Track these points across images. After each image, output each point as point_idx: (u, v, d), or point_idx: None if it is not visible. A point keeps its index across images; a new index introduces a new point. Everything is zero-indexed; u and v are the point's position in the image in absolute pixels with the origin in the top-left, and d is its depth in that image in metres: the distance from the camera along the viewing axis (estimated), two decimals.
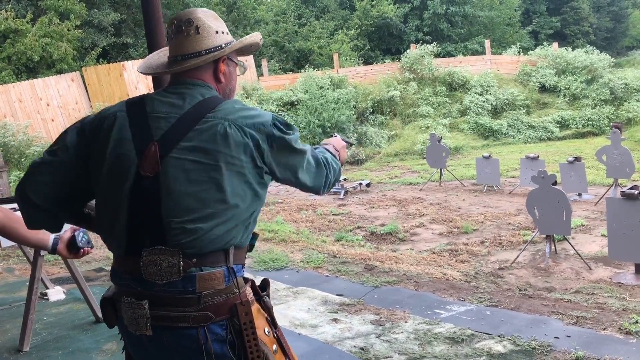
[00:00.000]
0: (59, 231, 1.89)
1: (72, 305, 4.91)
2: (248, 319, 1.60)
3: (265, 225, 7.74)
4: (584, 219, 7.32)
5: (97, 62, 17.84)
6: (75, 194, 1.75)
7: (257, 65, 19.29)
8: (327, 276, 5.46)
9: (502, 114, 16.93)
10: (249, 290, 1.67)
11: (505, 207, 8.33)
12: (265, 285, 1.78)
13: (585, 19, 32.11)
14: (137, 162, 1.59)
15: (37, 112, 14.64)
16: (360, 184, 10.68)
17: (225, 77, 1.75)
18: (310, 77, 17.34)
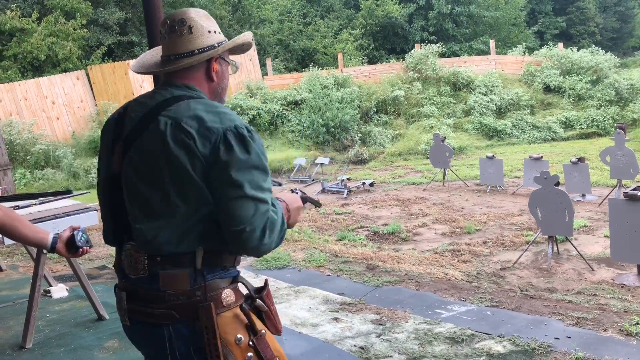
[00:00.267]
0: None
1: (75, 302, 4.94)
2: (209, 323, 1.59)
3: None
4: (587, 219, 7.31)
5: (102, 60, 17.91)
6: None
7: (262, 65, 19.31)
8: (328, 275, 5.47)
9: (506, 114, 16.89)
10: (226, 294, 1.64)
11: (508, 208, 8.32)
12: (260, 289, 1.75)
13: (591, 19, 32.01)
14: (111, 161, 1.71)
15: (43, 110, 14.71)
16: (364, 183, 10.68)
17: (217, 76, 1.77)
18: (314, 76, 17.34)
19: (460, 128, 16.46)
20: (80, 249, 2.18)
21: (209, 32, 1.72)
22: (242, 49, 1.87)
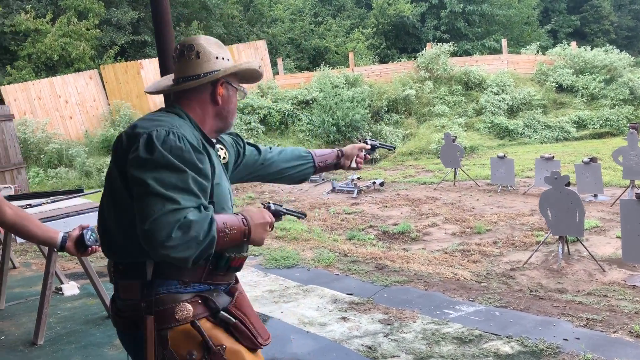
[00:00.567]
0: None
1: (86, 300, 5.00)
2: (148, 334, 1.62)
3: (277, 223, 7.74)
4: (599, 220, 7.25)
5: (115, 60, 18.04)
6: None
7: (273, 64, 19.35)
8: (337, 275, 5.48)
9: (518, 113, 16.79)
10: (181, 308, 1.63)
11: (519, 208, 8.28)
12: (211, 303, 1.69)
13: (606, 18, 31.70)
14: None
15: (56, 109, 14.85)
16: (374, 182, 10.67)
17: (223, 100, 1.83)
18: (325, 75, 17.34)
19: (471, 127, 16.39)
20: (90, 248, 2.22)
21: (217, 58, 1.80)
22: (252, 76, 1.93)
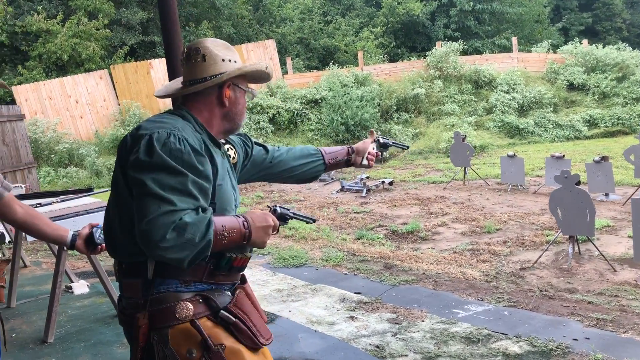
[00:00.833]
0: None
1: (95, 298, 5.03)
2: (142, 332, 1.64)
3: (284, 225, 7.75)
4: (611, 219, 7.18)
5: (124, 60, 18.13)
6: None
7: (282, 64, 19.37)
8: (345, 274, 5.47)
9: (528, 112, 16.69)
10: (181, 306, 1.64)
11: (529, 207, 8.22)
12: (212, 302, 1.70)
13: (618, 15, 31.42)
14: None
15: (67, 109, 14.96)
16: (383, 182, 10.65)
17: (230, 102, 1.83)
18: (334, 74, 17.33)
19: (481, 126, 16.32)
20: (99, 246, 2.24)
21: (223, 60, 1.80)
22: (261, 77, 1.93)
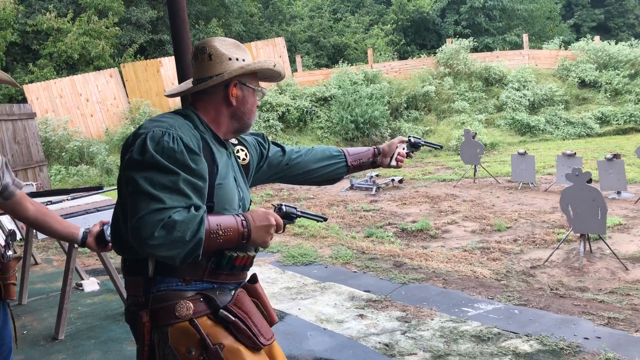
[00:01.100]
0: None
1: (106, 296, 5.05)
2: (146, 330, 1.66)
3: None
4: (623, 217, 7.11)
5: (134, 58, 18.21)
6: None
7: (292, 62, 19.36)
8: (355, 272, 5.46)
9: (539, 109, 16.56)
10: (181, 305, 1.64)
11: (540, 205, 8.16)
12: (213, 301, 1.69)
13: (631, 11, 31.09)
14: None
15: (77, 107, 15.06)
16: (393, 180, 10.62)
17: (237, 101, 1.82)
18: (344, 72, 17.29)
19: (492, 124, 16.22)
20: (110, 244, 2.25)
21: (229, 59, 1.78)
22: (270, 75, 1.90)
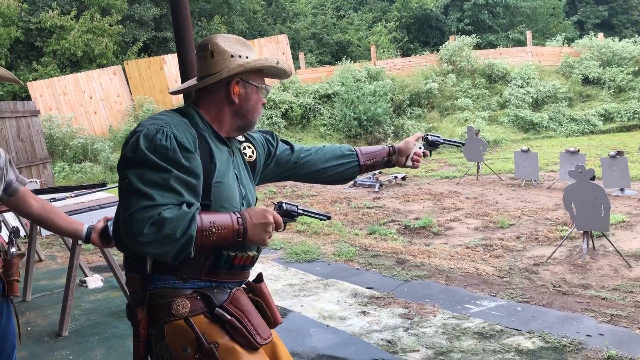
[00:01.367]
0: None
1: (109, 292, 5.07)
2: (141, 326, 1.67)
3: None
4: (626, 215, 7.10)
5: (138, 56, 18.22)
6: None
7: (295, 59, 19.35)
8: (357, 269, 5.47)
9: (543, 106, 16.54)
10: (178, 303, 1.64)
11: (543, 202, 8.16)
12: (211, 300, 1.69)
13: (635, 8, 30.94)
14: None
15: (81, 104, 15.08)
16: (396, 177, 10.62)
17: (240, 99, 1.79)
18: (347, 69, 17.28)
19: (495, 121, 16.20)
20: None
21: (232, 56, 1.75)
22: (276, 72, 1.88)
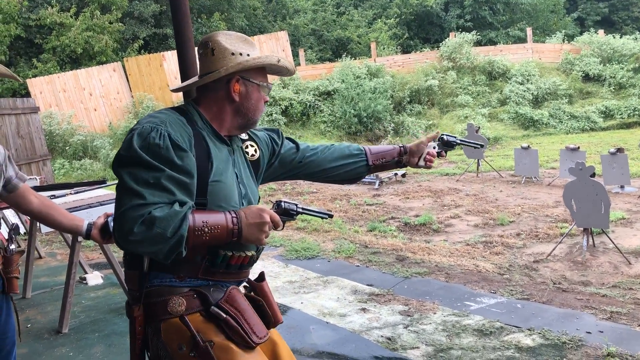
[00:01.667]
0: None
1: (109, 289, 5.08)
2: (138, 323, 1.67)
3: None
4: (626, 212, 7.10)
5: (138, 52, 18.19)
6: None
7: (295, 55, 19.33)
8: (357, 266, 5.47)
9: (543, 103, 16.53)
10: (174, 301, 1.64)
11: (543, 199, 8.15)
12: (207, 298, 1.68)
13: (635, 4, 30.87)
14: None
15: (81, 101, 15.06)
16: (396, 174, 10.62)
17: (240, 97, 1.77)
18: (347, 66, 17.26)
19: (495, 118, 16.19)
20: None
21: (233, 54, 1.74)
22: (278, 70, 1.86)
